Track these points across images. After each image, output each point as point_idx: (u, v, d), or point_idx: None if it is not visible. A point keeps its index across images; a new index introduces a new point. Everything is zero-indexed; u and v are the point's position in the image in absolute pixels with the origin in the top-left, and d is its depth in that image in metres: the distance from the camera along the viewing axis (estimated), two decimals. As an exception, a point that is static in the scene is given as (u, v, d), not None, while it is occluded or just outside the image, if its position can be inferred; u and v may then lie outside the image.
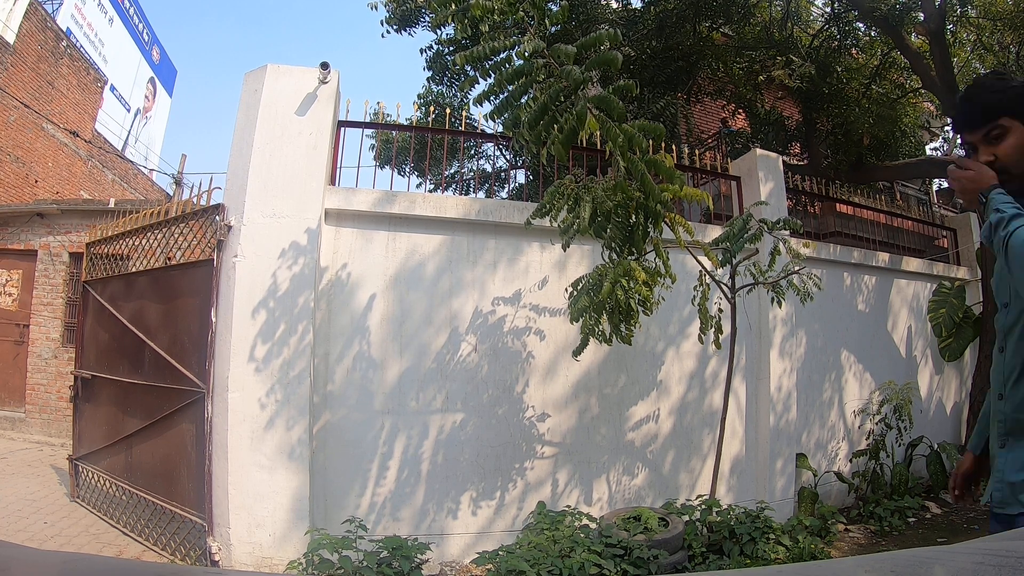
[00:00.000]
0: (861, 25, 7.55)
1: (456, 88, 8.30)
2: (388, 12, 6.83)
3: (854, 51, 7.86)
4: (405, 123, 4.61)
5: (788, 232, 3.92)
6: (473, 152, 10.83)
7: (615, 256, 3.17)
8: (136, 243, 4.28)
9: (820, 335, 5.17)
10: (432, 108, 7.07)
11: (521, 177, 9.51)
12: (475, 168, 11.07)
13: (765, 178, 4.96)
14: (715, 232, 4.30)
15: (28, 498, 4.39)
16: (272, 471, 3.32)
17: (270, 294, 3.46)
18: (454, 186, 10.57)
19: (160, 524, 3.65)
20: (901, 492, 4.85)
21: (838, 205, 7.21)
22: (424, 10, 6.80)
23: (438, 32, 7.15)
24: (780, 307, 4.03)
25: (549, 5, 2.28)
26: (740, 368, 4.59)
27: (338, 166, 4.10)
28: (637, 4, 7.67)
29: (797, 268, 3.78)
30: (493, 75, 2.24)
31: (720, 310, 3.97)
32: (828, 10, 7.79)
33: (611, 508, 4.08)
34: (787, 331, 4.78)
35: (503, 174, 9.39)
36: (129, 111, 14.65)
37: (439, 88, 8.59)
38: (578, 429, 4.12)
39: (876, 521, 4.48)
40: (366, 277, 3.85)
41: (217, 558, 3.25)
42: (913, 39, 6.73)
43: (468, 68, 2.47)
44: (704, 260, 3.68)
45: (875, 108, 6.92)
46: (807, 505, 4.41)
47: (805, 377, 4.96)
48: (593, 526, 3.67)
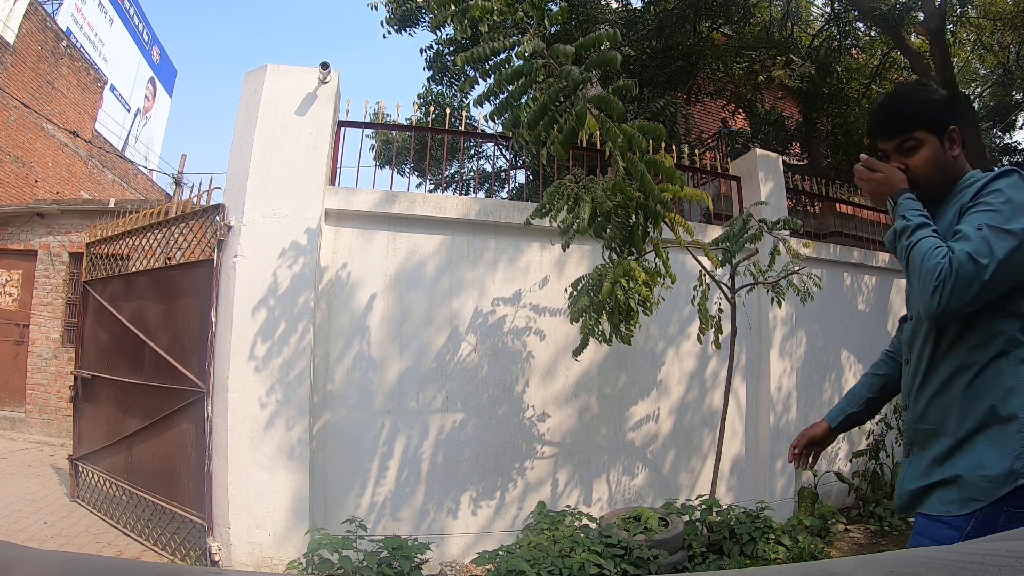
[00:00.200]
0: (861, 25, 7.56)
1: (456, 88, 8.31)
2: (388, 12, 6.84)
3: (854, 51, 7.87)
4: (405, 123, 4.61)
5: (788, 232, 3.91)
6: (473, 152, 10.83)
7: (615, 256, 3.17)
8: (136, 243, 4.28)
9: (820, 335, 5.17)
10: (432, 108, 7.07)
11: (521, 177, 9.52)
12: (475, 168, 11.07)
13: (765, 178, 4.96)
14: (715, 232, 4.30)
15: (28, 498, 4.39)
16: (272, 471, 3.32)
17: (270, 294, 3.46)
18: (454, 186, 10.57)
19: (160, 524, 3.65)
20: (901, 492, 4.85)
21: (838, 205, 7.20)
22: (424, 10, 6.81)
23: (438, 33, 7.15)
24: (780, 307, 4.03)
25: (549, 5, 2.28)
26: (740, 368, 4.59)
27: (338, 166, 4.11)
28: (637, 4, 7.68)
29: (797, 268, 3.78)
30: (493, 75, 2.24)
31: (720, 310, 3.97)
32: (828, 10, 7.80)
33: (611, 508, 4.08)
34: (787, 331, 4.78)
35: (503, 174, 9.40)
36: (129, 111, 14.65)
37: (439, 88, 8.60)
38: (578, 429, 4.12)
39: (876, 521, 4.48)
40: (366, 277, 3.85)
41: (217, 558, 3.25)
42: (913, 39, 6.73)
43: (468, 68, 2.47)
44: (704, 260, 3.68)
45: (875, 108, 6.92)
46: (807, 505, 4.41)
47: (805, 377, 4.96)
48: (593, 526, 3.67)
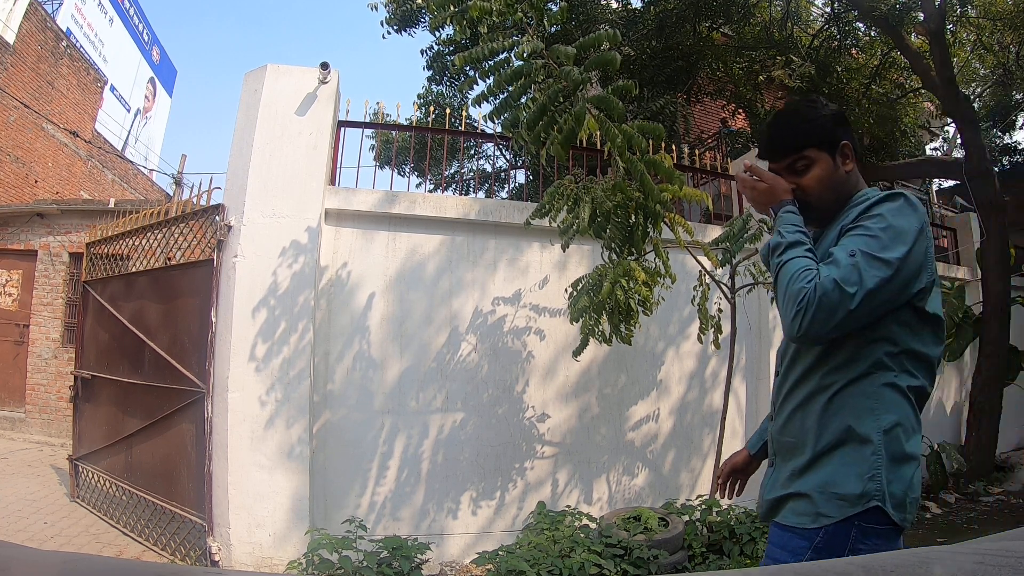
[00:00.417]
0: (861, 25, 7.56)
1: (456, 88, 8.31)
2: (388, 13, 6.84)
3: (854, 51, 7.86)
4: (405, 123, 4.62)
5: (788, 232, 3.91)
6: (473, 152, 10.84)
7: (615, 256, 3.17)
8: (136, 243, 4.28)
9: (820, 335, 5.17)
10: (432, 108, 7.08)
11: (521, 177, 9.52)
12: (475, 168, 11.08)
13: (765, 178, 4.96)
14: (715, 232, 4.30)
15: (28, 498, 4.39)
16: (272, 471, 3.32)
17: (270, 293, 3.46)
18: (454, 186, 10.57)
19: (160, 524, 3.65)
20: (901, 492, 4.85)
21: (838, 205, 7.19)
22: (423, 11, 6.81)
23: (437, 33, 7.15)
24: (780, 307, 4.02)
25: (548, 5, 2.28)
26: (740, 368, 4.59)
27: (338, 166, 4.11)
28: (637, 4, 7.68)
29: (797, 268, 3.77)
30: (492, 76, 2.24)
31: (720, 310, 3.97)
32: (828, 10, 7.79)
33: (611, 508, 4.08)
34: (787, 331, 4.78)
35: (503, 174, 9.40)
36: (129, 111, 14.65)
37: (439, 88, 8.60)
38: (578, 429, 4.12)
39: (876, 521, 4.47)
40: (366, 277, 3.85)
41: (217, 558, 3.25)
42: (913, 39, 6.73)
43: (467, 69, 2.47)
44: (704, 260, 3.68)
45: (875, 108, 6.93)
46: (807, 505, 4.41)
47: (805, 377, 4.96)
48: (593, 526, 3.67)
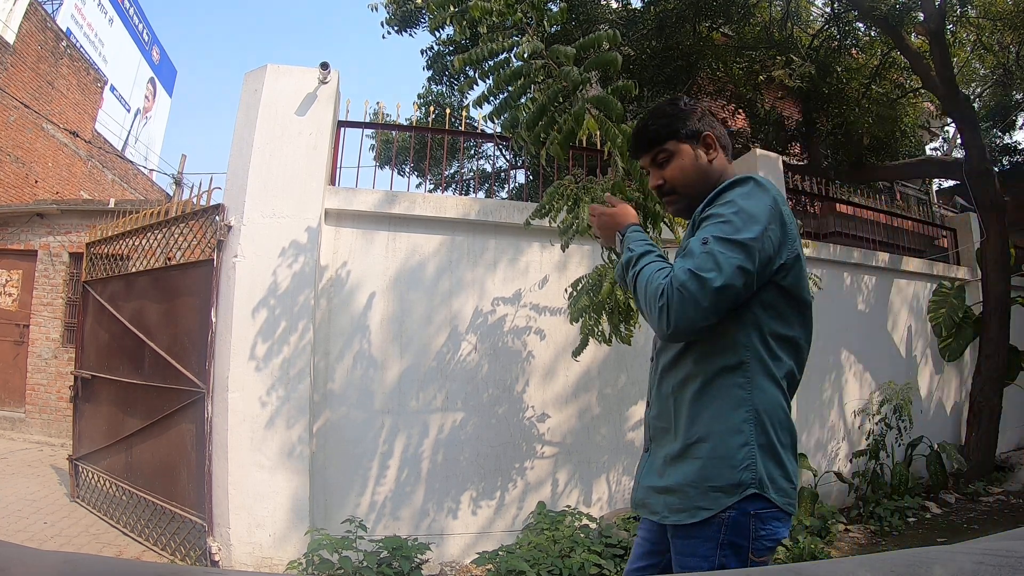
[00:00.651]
0: (861, 25, 7.55)
1: (456, 88, 8.31)
2: (388, 13, 6.83)
3: (854, 51, 7.86)
4: (405, 123, 4.62)
5: (788, 232, 3.91)
6: (473, 152, 10.84)
7: (615, 256, 3.17)
8: (136, 243, 4.28)
9: (820, 335, 5.13)
10: (432, 108, 7.07)
11: (521, 177, 9.51)
12: (475, 168, 11.08)
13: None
14: (715, 232, 4.30)
15: (28, 498, 4.39)
16: (272, 471, 3.32)
17: (270, 293, 3.46)
18: (454, 186, 10.57)
19: (160, 524, 3.65)
20: (901, 492, 4.85)
21: (838, 205, 7.21)
22: (423, 11, 6.81)
23: (437, 33, 7.15)
24: (780, 307, 4.02)
25: (548, 5, 2.28)
26: (740, 368, 4.59)
27: (338, 166, 4.11)
28: (637, 4, 7.68)
29: (797, 268, 3.77)
30: (492, 76, 2.24)
31: (720, 310, 3.97)
32: (828, 10, 7.79)
33: (611, 508, 4.08)
34: (787, 331, 4.77)
35: (503, 174, 9.40)
36: (129, 111, 14.65)
37: (439, 88, 8.60)
38: (578, 429, 4.12)
39: (876, 521, 4.48)
40: (366, 277, 3.85)
41: (217, 558, 3.25)
42: (913, 39, 6.73)
43: (467, 69, 2.47)
44: (704, 260, 3.68)
45: (875, 108, 6.93)
46: (807, 505, 4.41)
47: (805, 377, 4.94)
48: (593, 526, 3.67)
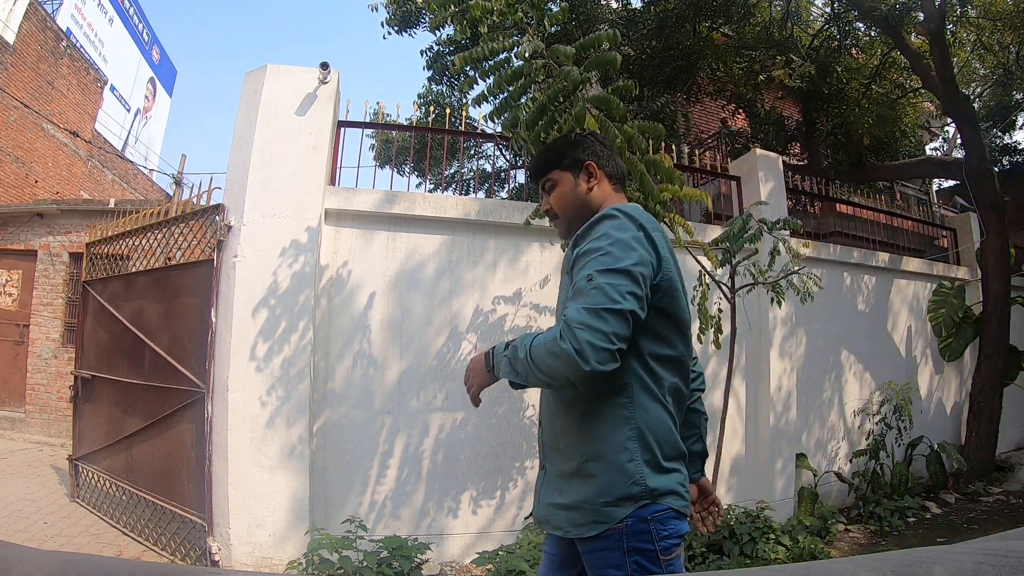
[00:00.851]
0: (861, 25, 7.55)
1: (456, 88, 8.31)
2: (388, 13, 6.83)
3: (854, 51, 7.85)
4: (405, 123, 4.62)
5: (788, 232, 3.91)
6: (473, 152, 10.84)
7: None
8: (136, 243, 4.28)
9: (820, 335, 5.17)
10: (432, 108, 7.07)
11: (521, 177, 9.50)
12: (475, 168, 11.08)
13: (765, 178, 4.96)
14: (715, 232, 4.30)
15: (28, 498, 4.39)
16: (272, 471, 3.32)
17: (270, 293, 3.46)
18: (454, 186, 10.57)
19: (160, 524, 3.65)
20: (901, 492, 4.85)
21: (838, 205, 7.21)
22: (424, 11, 6.80)
23: (437, 33, 7.15)
24: (780, 307, 4.03)
25: (549, 5, 2.28)
26: (740, 368, 4.59)
27: (338, 166, 4.11)
28: (637, 4, 7.68)
29: (797, 268, 3.77)
30: (492, 76, 2.25)
31: (720, 310, 3.97)
32: (828, 10, 7.79)
33: (611, 508, 4.07)
34: (787, 331, 4.78)
35: (503, 174, 9.39)
36: (129, 111, 14.65)
37: (439, 88, 8.60)
38: (578, 429, 4.12)
39: (876, 521, 4.48)
40: (366, 277, 3.85)
41: (217, 558, 3.25)
42: (913, 39, 6.73)
43: (467, 69, 2.47)
44: (704, 260, 3.68)
45: (875, 108, 6.93)
46: (807, 505, 4.42)
47: (805, 377, 4.96)
48: (593, 526, 3.66)
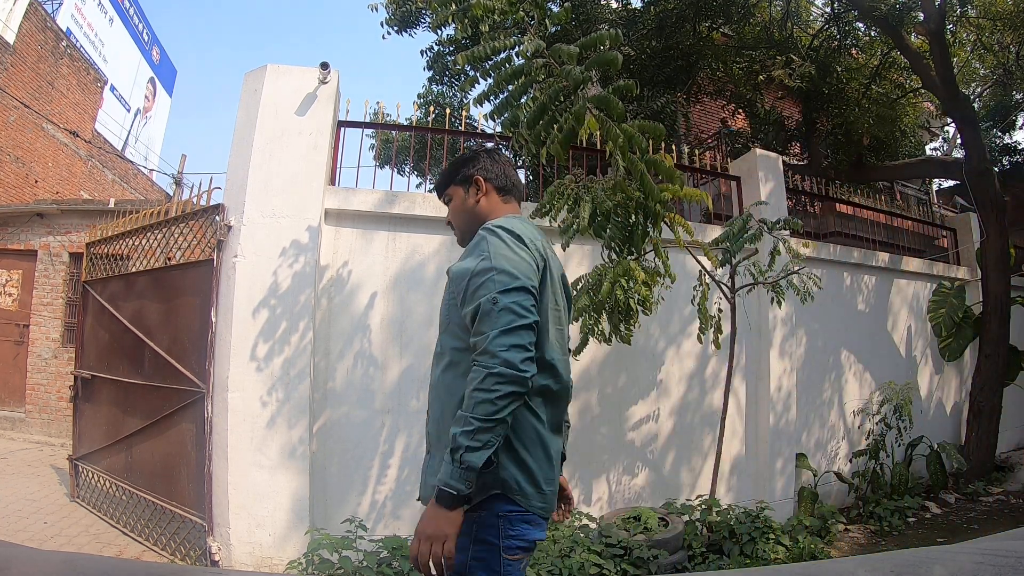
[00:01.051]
0: (861, 25, 7.55)
1: (456, 88, 8.30)
2: (388, 13, 6.83)
3: (854, 51, 7.86)
4: (405, 123, 4.61)
5: (788, 232, 3.91)
6: (473, 152, 10.81)
7: (615, 256, 3.17)
8: (136, 243, 4.28)
9: (820, 335, 5.17)
10: (432, 108, 7.06)
11: (521, 177, 9.50)
12: (475, 168, 11.05)
13: (765, 178, 4.96)
14: (715, 232, 4.30)
15: (28, 498, 4.39)
16: (272, 471, 3.32)
17: (270, 293, 3.46)
18: (454, 186, 10.55)
19: (160, 524, 3.65)
20: (901, 492, 4.85)
21: (838, 205, 7.21)
22: (424, 11, 6.80)
23: (439, 32, 7.15)
24: (780, 307, 4.03)
25: (549, 5, 2.28)
26: (740, 368, 4.59)
27: (338, 166, 4.11)
28: (637, 4, 7.68)
29: (797, 268, 3.78)
30: (493, 75, 2.25)
31: (720, 310, 3.97)
32: (828, 10, 7.79)
33: (611, 508, 4.08)
34: (787, 331, 4.78)
35: (503, 174, 9.38)
36: (129, 111, 14.65)
37: (439, 88, 8.59)
38: (578, 429, 4.12)
39: (876, 521, 4.48)
40: (367, 277, 3.85)
41: (217, 558, 3.25)
42: (913, 39, 6.72)
43: (468, 68, 2.47)
44: (704, 260, 3.68)
45: (875, 108, 6.92)
46: (807, 505, 4.41)
47: (805, 377, 4.96)
48: (593, 526, 3.67)
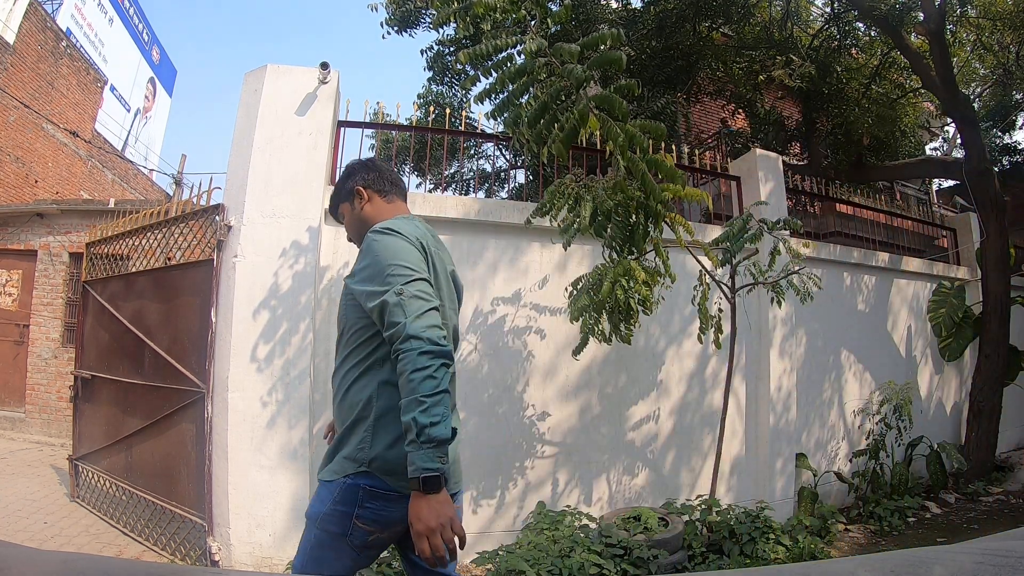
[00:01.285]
0: (861, 25, 7.55)
1: (456, 88, 8.31)
2: (388, 13, 6.83)
3: (854, 51, 7.86)
4: (405, 123, 4.61)
5: (788, 232, 3.91)
6: (473, 152, 10.84)
7: (615, 255, 3.17)
8: (136, 243, 4.28)
9: (820, 335, 5.17)
10: (432, 108, 7.06)
11: (521, 177, 9.52)
12: (475, 168, 11.08)
13: (765, 178, 4.96)
14: (715, 232, 4.30)
15: (28, 498, 4.39)
16: (272, 471, 3.32)
17: (271, 294, 3.46)
18: (454, 186, 10.57)
19: (160, 524, 3.65)
20: (901, 492, 4.85)
21: (838, 205, 7.21)
22: (424, 10, 6.80)
23: (440, 31, 7.15)
24: (780, 307, 4.03)
25: (549, 5, 2.28)
26: (740, 368, 4.59)
27: (338, 166, 4.10)
28: (637, 4, 7.68)
29: (797, 268, 3.78)
30: (495, 73, 2.24)
31: (720, 310, 3.97)
32: (828, 10, 7.79)
33: (611, 508, 4.08)
34: (787, 331, 4.78)
35: (503, 174, 9.39)
36: (129, 111, 14.66)
37: (439, 88, 8.59)
38: (578, 428, 4.12)
39: (876, 521, 4.48)
40: (366, 277, 3.85)
41: (217, 558, 3.25)
42: (913, 39, 6.72)
43: (469, 67, 2.47)
44: (704, 260, 3.68)
45: (875, 108, 6.92)
46: (807, 505, 4.42)
47: (805, 377, 4.96)
48: (593, 526, 3.67)
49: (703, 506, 3.78)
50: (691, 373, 4.51)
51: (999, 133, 11.05)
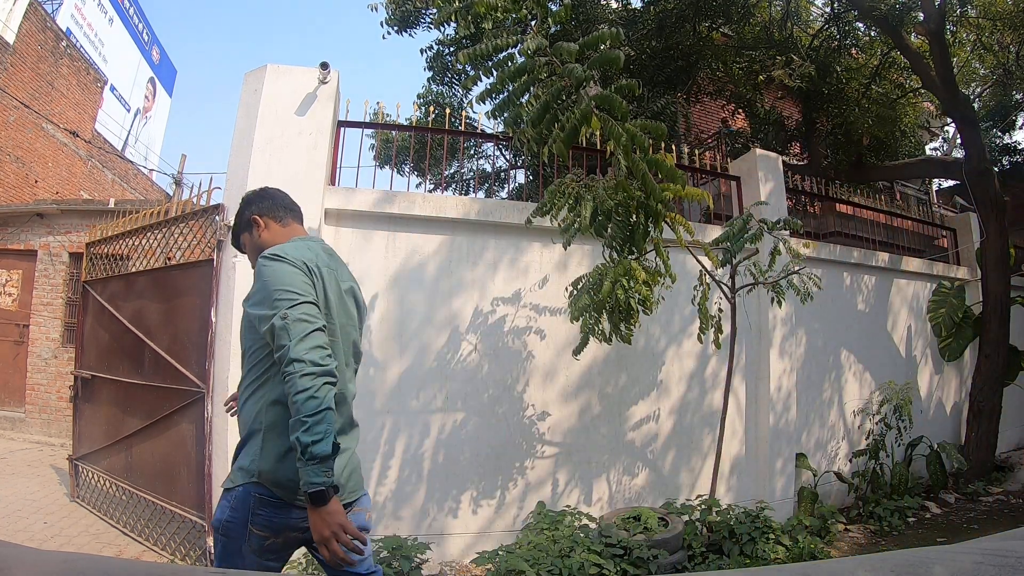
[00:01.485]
0: (861, 25, 7.55)
1: (456, 88, 8.30)
2: (388, 13, 6.83)
3: (854, 51, 7.85)
4: (405, 123, 4.61)
5: (788, 232, 3.91)
6: (473, 152, 10.84)
7: (615, 255, 3.17)
8: (136, 243, 4.28)
9: (820, 335, 5.17)
10: (432, 108, 7.06)
11: (521, 177, 9.51)
12: (475, 168, 11.08)
13: (765, 178, 4.96)
14: (715, 232, 4.30)
15: (28, 498, 4.39)
16: (272, 471, 3.31)
17: (270, 294, 3.45)
18: (454, 186, 10.56)
19: (160, 524, 3.65)
20: (901, 492, 4.85)
21: (838, 205, 7.21)
22: (424, 10, 6.80)
23: (441, 30, 7.14)
24: (780, 307, 4.03)
25: (549, 4, 2.28)
26: (740, 368, 4.59)
27: (338, 166, 4.11)
28: (637, 4, 7.68)
29: (797, 268, 3.78)
30: (495, 73, 2.24)
31: (720, 310, 3.97)
32: (828, 10, 7.79)
33: (611, 508, 4.08)
34: (787, 331, 4.78)
35: (503, 174, 9.39)
36: (129, 111, 14.65)
37: (439, 88, 8.58)
38: (578, 428, 4.12)
39: (876, 521, 4.48)
40: (366, 277, 3.85)
41: (217, 558, 3.24)
42: (913, 39, 6.72)
43: (469, 67, 2.48)
44: (704, 260, 3.68)
45: (875, 108, 6.92)
46: (807, 505, 4.42)
47: (805, 377, 4.96)
48: (593, 526, 3.67)
49: (703, 506, 3.78)
50: (691, 373, 4.51)
51: (999, 133, 11.05)
